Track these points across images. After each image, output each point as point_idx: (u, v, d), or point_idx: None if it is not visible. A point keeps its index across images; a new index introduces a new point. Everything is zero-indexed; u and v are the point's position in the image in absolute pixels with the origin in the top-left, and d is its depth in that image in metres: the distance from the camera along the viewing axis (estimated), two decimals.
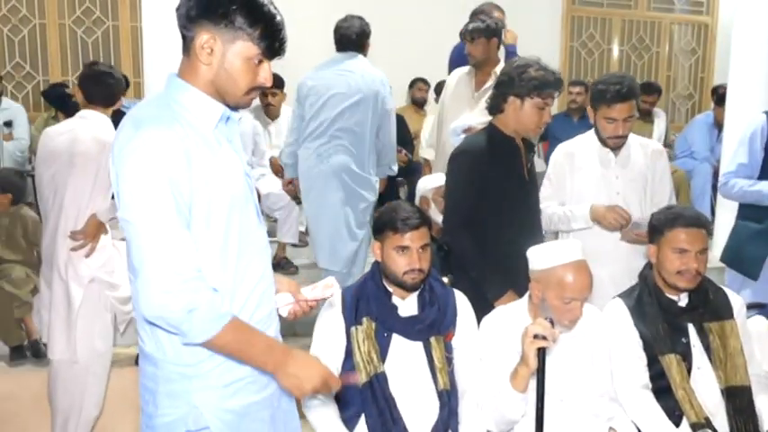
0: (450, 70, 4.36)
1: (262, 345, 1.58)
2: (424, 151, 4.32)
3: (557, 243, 2.42)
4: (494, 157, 2.68)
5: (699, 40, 8.41)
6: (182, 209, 1.48)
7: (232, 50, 1.54)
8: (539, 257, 2.30)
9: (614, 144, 2.97)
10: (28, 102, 6.53)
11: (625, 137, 2.96)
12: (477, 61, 3.91)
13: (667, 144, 6.34)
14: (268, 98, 5.18)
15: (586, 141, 3.08)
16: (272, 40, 1.55)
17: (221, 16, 1.51)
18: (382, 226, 2.37)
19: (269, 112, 5.30)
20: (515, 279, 2.53)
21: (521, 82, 2.63)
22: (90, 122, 3.17)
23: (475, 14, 4.18)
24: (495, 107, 2.73)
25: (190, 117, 1.54)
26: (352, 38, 3.91)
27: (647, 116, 6.25)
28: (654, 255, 2.49)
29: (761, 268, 3.33)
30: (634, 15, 8.11)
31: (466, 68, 4.04)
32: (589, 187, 3.01)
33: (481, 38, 3.84)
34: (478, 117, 3.75)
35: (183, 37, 1.57)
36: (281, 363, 1.59)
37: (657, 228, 2.48)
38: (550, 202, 3.04)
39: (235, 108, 1.64)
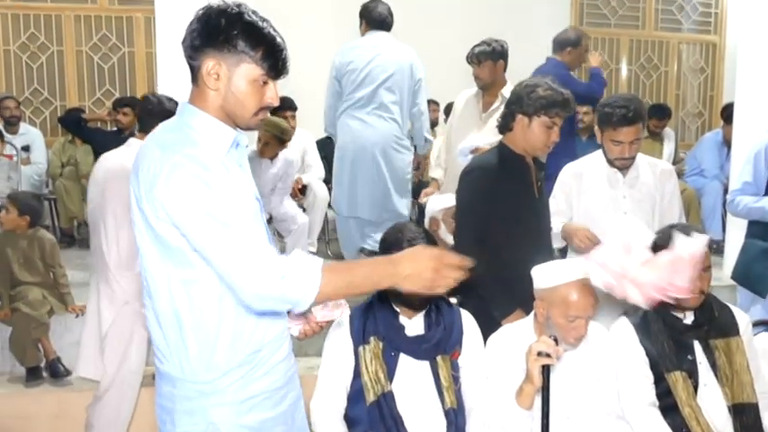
0: None
1: (364, 270, 1.58)
2: (433, 171, 4.39)
3: (561, 262, 2.45)
4: (504, 175, 2.71)
5: (707, 59, 8.43)
6: (240, 206, 1.54)
7: (237, 74, 1.59)
8: (543, 276, 2.33)
9: (621, 165, 2.97)
10: (45, 127, 6.66)
11: (632, 158, 2.95)
12: (484, 84, 4.02)
13: (676, 162, 6.37)
14: (288, 121, 5.25)
15: (594, 161, 3.08)
16: (274, 60, 1.61)
17: (223, 42, 1.57)
18: (388, 246, 2.40)
19: None
20: (524, 298, 2.54)
21: (529, 101, 2.66)
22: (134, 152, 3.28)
23: (563, 41, 4.59)
24: (504, 125, 2.77)
25: (202, 140, 1.60)
26: (382, 17, 4.44)
27: (656, 135, 6.28)
28: None
29: None
30: (642, 35, 8.16)
31: (473, 90, 4.13)
32: (596, 207, 3.00)
33: (488, 61, 3.96)
34: (486, 138, 3.82)
35: (191, 67, 1.64)
36: (392, 274, 1.56)
37: (661, 247, 2.50)
38: (554, 218, 3.02)
39: (246, 129, 1.69)
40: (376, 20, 4.47)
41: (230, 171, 1.63)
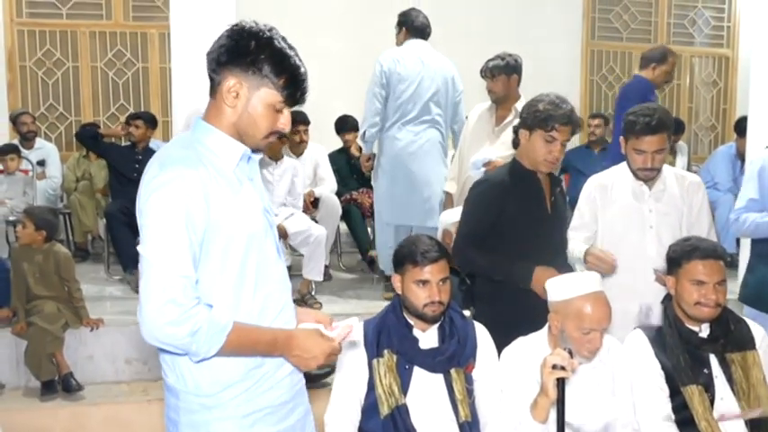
0: (625, 107, 4.63)
1: (266, 338, 1.66)
2: (447, 184, 4.40)
3: (575, 275, 2.45)
4: (513, 190, 2.73)
5: (720, 73, 8.42)
6: (193, 245, 1.56)
7: (256, 96, 1.62)
8: (557, 289, 2.34)
9: (644, 176, 2.87)
10: (61, 142, 6.72)
11: (656, 170, 2.85)
12: (497, 97, 4.04)
13: None
14: (300, 135, 5.32)
15: (620, 173, 2.98)
16: (294, 89, 1.64)
17: (249, 63, 1.60)
18: (402, 259, 2.42)
19: (296, 149, 5.39)
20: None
21: (529, 115, 2.71)
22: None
23: (648, 58, 4.65)
24: (514, 141, 2.83)
25: (212, 158, 1.63)
26: (424, 26, 4.56)
27: (669, 149, 6.27)
28: (672, 286, 2.50)
29: None
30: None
31: (487, 104, 4.15)
32: (621, 221, 2.92)
33: (502, 75, 3.98)
34: (499, 151, 3.85)
35: (211, 80, 1.66)
36: (286, 348, 1.68)
37: (675, 259, 2.50)
38: (576, 233, 2.97)
39: (253, 149, 1.72)
40: (418, 28, 4.58)
41: (241, 184, 1.67)
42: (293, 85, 1.63)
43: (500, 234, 2.71)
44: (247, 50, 1.60)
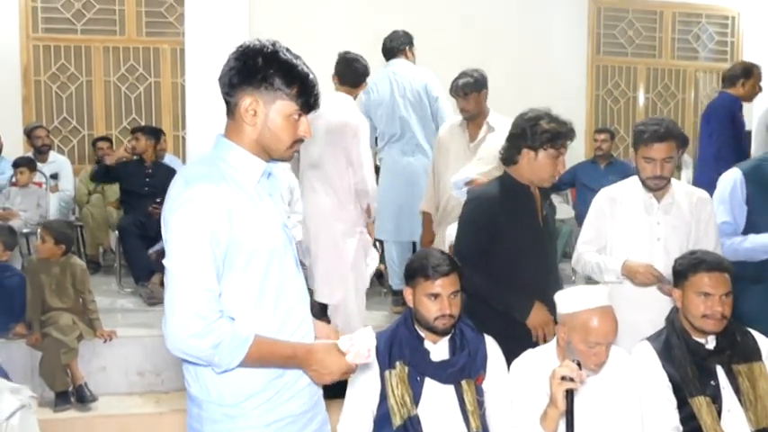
0: (715, 125, 4.75)
1: (287, 351, 1.70)
2: (423, 204, 4.31)
3: (583, 288, 2.49)
4: (506, 205, 2.75)
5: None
6: (217, 261, 1.61)
7: (273, 110, 1.68)
8: (565, 301, 2.38)
9: (654, 185, 2.89)
10: (74, 155, 6.81)
11: (665, 178, 2.88)
12: (470, 115, 3.99)
13: None
14: None
15: (630, 186, 3.02)
16: (308, 96, 1.70)
17: (261, 80, 1.65)
18: (414, 272, 2.47)
19: None
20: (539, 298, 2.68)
21: (533, 135, 2.69)
22: (336, 103, 3.96)
23: (733, 77, 4.69)
24: (509, 159, 2.79)
25: (235, 174, 1.68)
26: (389, 46, 4.79)
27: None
28: (679, 299, 2.55)
29: None
30: (658, 64, 8.23)
31: (457, 121, 4.11)
32: (630, 233, 2.95)
33: (473, 92, 3.93)
34: (477, 168, 3.84)
35: (227, 102, 1.72)
36: (305, 361, 1.72)
37: (681, 272, 2.54)
38: (588, 246, 3.02)
39: (280, 160, 1.78)
40: (389, 50, 4.83)
41: (262, 200, 1.72)
42: (305, 92, 1.69)
43: (496, 248, 2.72)
44: (256, 68, 1.65)
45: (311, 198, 4.04)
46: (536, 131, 2.69)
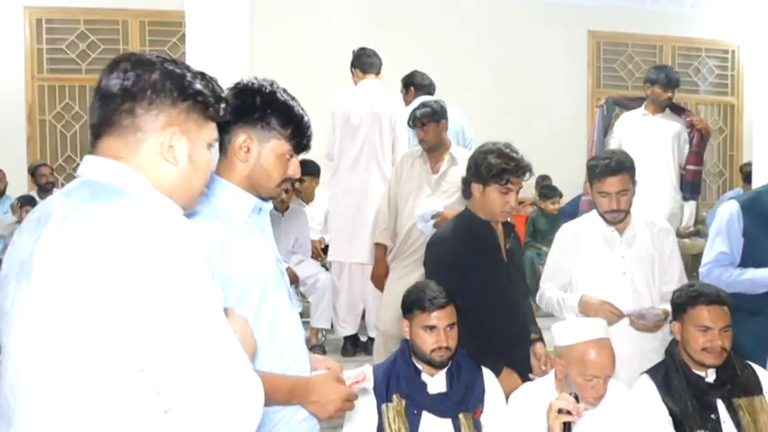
0: None
1: (285, 386, 1.70)
2: (379, 235, 4.14)
3: (582, 320, 2.48)
4: (470, 242, 2.72)
5: (726, 120, 8.52)
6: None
7: (267, 148, 1.70)
8: (563, 333, 2.35)
9: (612, 219, 2.90)
10: None
11: (622, 211, 2.88)
12: (430, 146, 3.92)
13: (698, 221, 6.38)
14: (310, 183, 5.46)
15: (591, 221, 3.02)
16: (301, 137, 1.73)
17: (258, 119, 1.68)
18: (410, 305, 2.47)
19: (306, 198, 5.51)
20: (510, 357, 2.66)
21: (480, 169, 2.69)
22: (369, 89, 4.46)
23: None
24: (465, 192, 2.80)
25: (226, 210, 1.69)
26: (428, 84, 4.93)
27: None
28: (678, 332, 2.53)
29: None
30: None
31: (417, 151, 4.01)
32: (595, 268, 2.94)
33: (431, 122, 3.86)
34: (443, 200, 3.77)
35: (220, 138, 1.71)
36: (304, 394, 1.72)
37: (679, 305, 2.53)
38: (551, 284, 3.02)
39: (266, 199, 1.79)
40: (422, 85, 4.89)
41: (253, 235, 1.73)
42: (299, 133, 1.72)
43: (465, 286, 2.64)
44: (253, 107, 1.68)
45: None
46: (483, 166, 2.68)
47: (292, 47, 6.75)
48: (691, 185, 4.75)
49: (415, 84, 4.87)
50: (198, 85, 1.31)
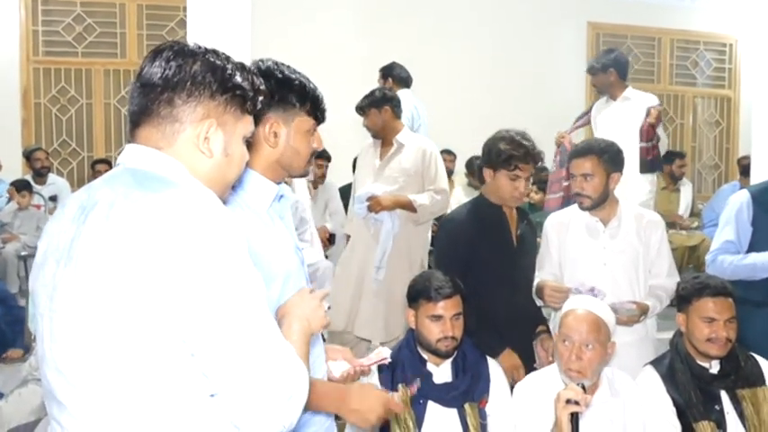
0: None
1: (319, 392, 1.61)
2: (347, 226, 4.29)
3: (573, 297, 2.53)
4: (478, 226, 2.78)
5: (722, 113, 8.54)
6: None
7: (293, 128, 1.69)
8: (560, 312, 2.43)
9: (579, 203, 2.88)
10: (73, 177, 6.81)
11: (586, 196, 2.83)
12: (374, 132, 3.97)
13: (694, 214, 6.40)
14: (323, 169, 5.61)
15: (577, 211, 2.98)
16: (319, 109, 1.72)
17: (278, 102, 1.66)
18: (416, 295, 2.47)
19: (316, 182, 5.54)
20: (512, 340, 2.70)
21: (490, 155, 2.77)
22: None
23: None
24: (480, 178, 2.88)
25: (248, 198, 1.66)
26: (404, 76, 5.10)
27: (673, 185, 6.33)
28: (683, 323, 2.54)
29: None
30: (657, 89, 8.25)
31: (374, 140, 4.07)
32: (577, 257, 2.93)
33: (371, 109, 3.90)
34: (383, 186, 3.81)
35: None
36: (341, 403, 1.67)
37: (685, 297, 2.54)
38: (540, 273, 3.00)
39: (299, 176, 1.79)
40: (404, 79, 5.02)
41: (274, 223, 1.71)
42: (316, 105, 1.71)
43: (473, 269, 2.71)
44: (271, 91, 1.64)
45: None
46: (493, 152, 2.75)
47: (292, 41, 6.68)
48: (641, 161, 4.66)
49: (393, 75, 5.02)
50: (238, 79, 1.30)
